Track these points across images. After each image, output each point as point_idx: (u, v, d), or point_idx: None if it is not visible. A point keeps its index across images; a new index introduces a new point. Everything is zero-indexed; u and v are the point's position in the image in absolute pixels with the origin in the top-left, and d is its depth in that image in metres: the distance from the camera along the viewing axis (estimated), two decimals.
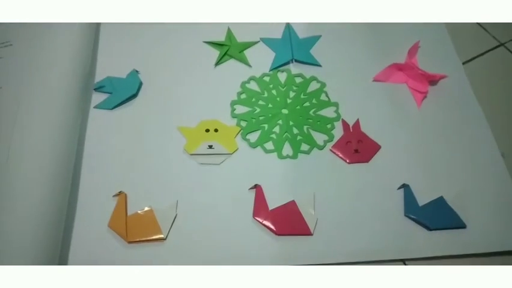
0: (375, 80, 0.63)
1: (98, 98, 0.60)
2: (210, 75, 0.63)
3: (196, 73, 0.63)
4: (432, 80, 0.62)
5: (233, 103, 0.60)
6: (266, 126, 0.58)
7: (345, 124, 0.58)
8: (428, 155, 0.56)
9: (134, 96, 0.60)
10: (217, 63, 0.64)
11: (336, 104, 0.60)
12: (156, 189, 0.52)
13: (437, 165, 0.55)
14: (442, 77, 0.62)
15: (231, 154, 0.55)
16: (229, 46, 0.65)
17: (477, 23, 0.71)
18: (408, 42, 0.65)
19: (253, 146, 0.56)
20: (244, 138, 0.57)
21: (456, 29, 0.69)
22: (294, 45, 0.65)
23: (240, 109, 0.60)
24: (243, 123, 0.58)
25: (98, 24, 0.67)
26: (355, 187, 0.53)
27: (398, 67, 0.63)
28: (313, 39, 0.67)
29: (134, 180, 0.53)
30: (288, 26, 0.68)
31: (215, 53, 0.65)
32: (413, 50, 0.64)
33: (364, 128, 0.58)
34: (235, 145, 0.56)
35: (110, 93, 0.61)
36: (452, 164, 0.55)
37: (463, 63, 0.66)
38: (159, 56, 0.65)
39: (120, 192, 0.51)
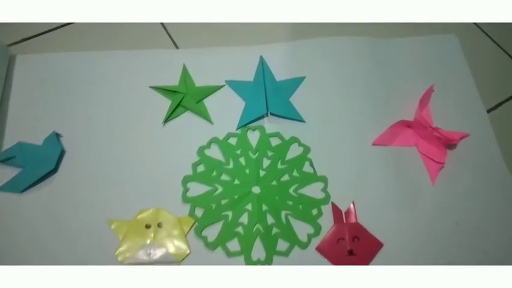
0: (376, 144, 0.47)
1: (4, 174, 0.44)
2: (156, 138, 0.47)
3: (138, 134, 0.47)
4: (451, 144, 0.47)
5: (186, 180, 0.45)
6: (230, 214, 0.43)
7: (336, 210, 0.44)
8: (445, 254, 0.42)
9: (53, 172, 0.45)
10: (166, 119, 0.48)
11: (324, 179, 0.45)
12: None
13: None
14: (463, 137, 0.47)
15: (180, 262, 0.41)
16: (184, 94, 0.49)
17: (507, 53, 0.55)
18: (419, 84, 0.50)
19: (211, 247, 0.41)
20: (199, 235, 0.42)
21: (479, 65, 0.54)
22: (269, 91, 0.49)
23: (195, 189, 0.44)
24: (198, 212, 0.43)
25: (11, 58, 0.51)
26: None
27: (406, 124, 0.48)
28: (294, 82, 0.51)
29: None
30: (262, 63, 0.51)
31: (164, 104, 0.49)
32: (425, 99, 0.49)
33: (361, 215, 0.43)
34: (185, 248, 0.41)
35: (22, 167, 0.45)
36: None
37: (488, 111, 0.51)
38: (89, 110, 0.49)
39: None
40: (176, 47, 0.54)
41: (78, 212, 0.43)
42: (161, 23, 0.55)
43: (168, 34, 0.55)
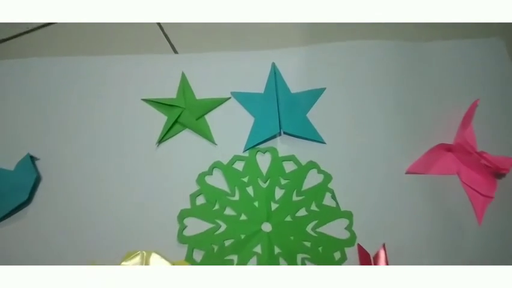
0: (410, 172, 0.40)
1: None
2: (148, 162, 0.40)
3: (127, 158, 0.40)
4: (501, 172, 0.39)
5: (183, 215, 0.37)
6: (235, 259, 0.36)
7: (363, 254, 0.36)
8: None
9: (25, 203, 0.38)
10: (161, 139, 0.41)
11: (348, 215, 0.38)
12: None
13: None
14: None
15: None
16: (182, 108, 0.42)
17: None
18: (460, 98, 0.42)
19: None
20: None
21: None
22: (283, 105, 0.42)
23: (194, 226, 0.37)
24: (197, 255, 0.36)
25: None
26: None
27: (446, 148, 0.40)
28: (313, 95, 0.43)
29: None
30: (275, 71, 0.44)
31: (159, 120, 0.42)
32: (467, 117, 0.41)
33: (393, 260, 0.36)
34: None
35: None
36: None
37: None
38: (70, 126, 0.41)
39: None
40: (175, 52, 0.46)
41: (54, 252, 0.36)
42: (158, 23, 0.48)
43: (166, 36, 0.47)
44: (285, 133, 0.41)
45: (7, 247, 0.36)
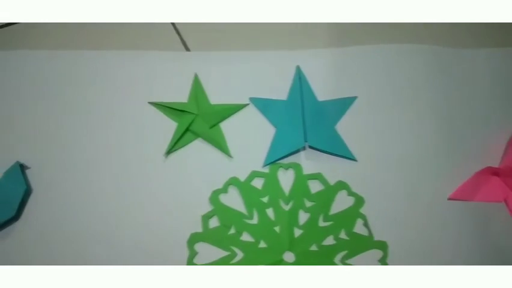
0: (453, 199, 0.35)
1: None
2: (155, 176, 0.35)
3: (132, 170, 0.35)
4: None
5: (193, 239, 0.33)
6: None
7: None
8: None
9: (13, 219, 0.33)
10: (170, 149, 0.36)
11: (383, 246, 0.33)
12: None
13: None
14: None
15: None
16: (194, 115, 0.37)
17: None
18: (506, 115, 0.37)
19: None
20: None
21: None
22: (309, 115, 0.37)
23: (207, 252, 0.32)
24: None
25: None
26: None
27: (492, 171, 0.35)
28: (342, 104, 0.38)
29: None
30: (300, 76, 0.38)
31: (169, 126, 0.37)
32: None
33: None
34: None
35: None
36: None
37: None
38: (67, 131, 0.36)
39: None
40: (187, 49, 0.41)
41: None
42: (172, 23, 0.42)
43: (177, 31, 0.42)
44: (310, 147, 0.36)
45: None
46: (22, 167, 0.34)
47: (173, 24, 0.42)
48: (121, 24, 0.41)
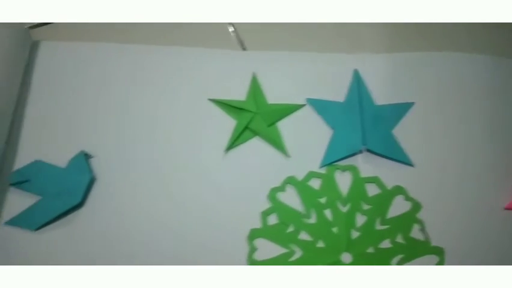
0: (510, 208, 0.35)
1: (15, 201, 0.34)
2: (215, 170, 0.36)
3: (192, 164, 0.36)
4: None
5: (253, 235, 0.33)
6: None
7: None
8: None
9: (78, 206, 0.34)
10: (230, 146, 0.36)
11: (439, 252, 0.33)
12: None
13: None
14: None
15: None
16: (253, 113, 0.37)
17: None
18: None
19: None
20: None
21: None
22: (367, 118, 0.37)
23: (266, 248, 0.33)
24: None
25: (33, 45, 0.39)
26: None
27: None
28: (399, 109, 0.38)
29: None
30: (358, 79, 0.39)
31: (228, 124, 0.37)
32: None
33: None
34: None
35: (38, 195, 0.34)
36: None
37: None
38: (130, 122, 0.37)
39: None
40: (243, 49, 0.42)
41: (108, 264, 0.32)
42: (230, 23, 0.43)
43: (234, 30, 0.43)
44: (367, 150, 0.37)
45: (55, 251, 0.32)
46: (87, 156, 0.35)
47: (231, 24, 0.42)
48: (181, 24, 0.41)
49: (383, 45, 0.41)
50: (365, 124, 0.37)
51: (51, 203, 0.33)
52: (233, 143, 0.36)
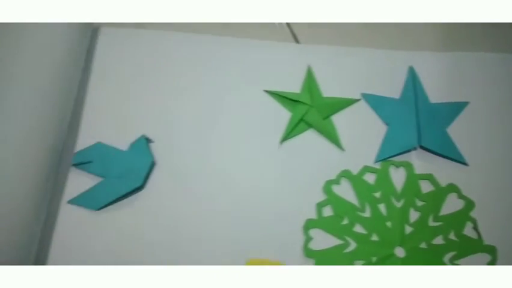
0: None
1: (77, 181, 0.35)
2: (270, 160, 0.36)
3: (249, 152, 0.37)
4: None
5: (309, 225, 0.34)
6: None
7: None
8: None
9: (139, 189, 0.35)
10: (286, 137, 0.37)
11: (491, 250, 0.34)
12: None
13: None
14: None
15: None
16: (308, 106, 0.38)
17: None
18: None
19: None
20: None
21: None
22: (423, 116, 0.37)
23: (321, 239, 0.34)
24: None
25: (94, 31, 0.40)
26: None
27: None
28: (454, 108, 0.39)
29: None
30: (413, 76, 0.39)
31: (283, 115, 0.38)
32: None
33: None
34: None
35: (100, 176, 0.35)
36: None
37: None
38: (188, 110, 0.38)
39: None
40: (296, 41, 0.42)
41: (167, 246, 0.33)
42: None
43: (288, 24, 0.43)
44: (421, 147, 0.37)
45: (117, 230, 0.34)
46: (147, 141, 0.36)
47: (287, 24, 0.43)
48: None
49: (438, 44, 0.41)
50: (420, 121, 0.37)
51: (114, 184, 0.34)
52: (288, 135, 0.37)
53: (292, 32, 0.43)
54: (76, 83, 0.37)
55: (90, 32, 0.39)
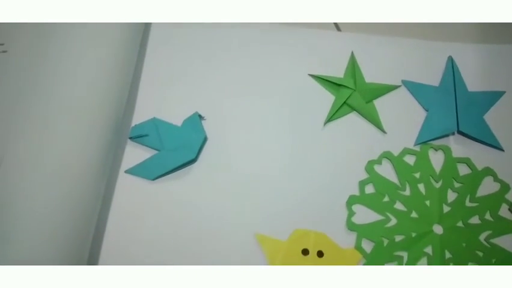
0: None
1: (133, 153, 0.37)
2: (315, 140, 0.38)
3: (294, 133, 0.39)
4: None
5: (352, 201, 0.36)
6: (405, 256, 0.34)
7: None
8: None
9: (191, 161, 0.37)
10: (329, 119, 0.39)
11: None
12: None
13: None
14: None
15: None
16: (352, 90, 0.40)
17: None
18: None
19: None
20: None
21: None
22: (461, 103, 0.39)
23: (363, 214, 0.36)
24: (366, 245, 0.34)
25: (146, 25, 0.42)
26: None
27: None
28: (490, 97, 0.40)
29: None
30: (452, 65, 0.41)
31: (327, 98, 0.40)
32: None
33: None
34: None
35: (155, 149, 0.37)
36: None
37: None
38: (236, 92, 0.40)
39: None
40: (338, 29, 0.44)
41: (217, 215, 0.35)
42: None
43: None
44: (459, 132, 0.39)
45: (171, 200, 0.36)
46: (201, 117, 0.38)
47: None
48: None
49: (477, 36, 0.43)
50: (458, 108, 0.39)
51: (169, 156, 0.37)
52: (332, 117, 0.39)
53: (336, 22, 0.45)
54: (134, 63, 0.39)
55: (144, 26, 0.42)
